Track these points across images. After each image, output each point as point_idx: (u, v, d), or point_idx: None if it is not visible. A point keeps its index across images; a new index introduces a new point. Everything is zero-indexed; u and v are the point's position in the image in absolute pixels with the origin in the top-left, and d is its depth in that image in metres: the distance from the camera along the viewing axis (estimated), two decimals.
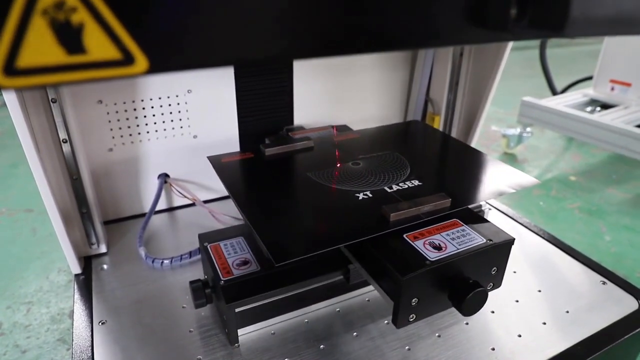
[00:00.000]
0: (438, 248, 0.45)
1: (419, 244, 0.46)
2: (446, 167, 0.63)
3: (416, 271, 0.42)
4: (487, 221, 0.50)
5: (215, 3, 0.17)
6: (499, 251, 0.47)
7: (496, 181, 0.56)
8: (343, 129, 0.77)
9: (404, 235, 0.47)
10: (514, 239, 0.47)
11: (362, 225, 0.47)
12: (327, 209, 0.51)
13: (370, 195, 0.52)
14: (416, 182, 0.55)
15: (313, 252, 0.42)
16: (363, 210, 0.50)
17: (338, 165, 0.61)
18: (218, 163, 0.62)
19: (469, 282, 0.44)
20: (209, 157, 0.63)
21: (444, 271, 0.44)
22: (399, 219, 0.48)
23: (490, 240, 0.46)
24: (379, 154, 0.64)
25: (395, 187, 0.54)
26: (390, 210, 0.47)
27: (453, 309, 0.44)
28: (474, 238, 0.47)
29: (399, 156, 0.63)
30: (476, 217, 0.50)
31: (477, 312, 0.44)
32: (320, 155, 0.65)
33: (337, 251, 0.51)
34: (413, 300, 0.43)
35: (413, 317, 0.44)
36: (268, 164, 0.62)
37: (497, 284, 0.49)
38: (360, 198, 0.52)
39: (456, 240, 0.46)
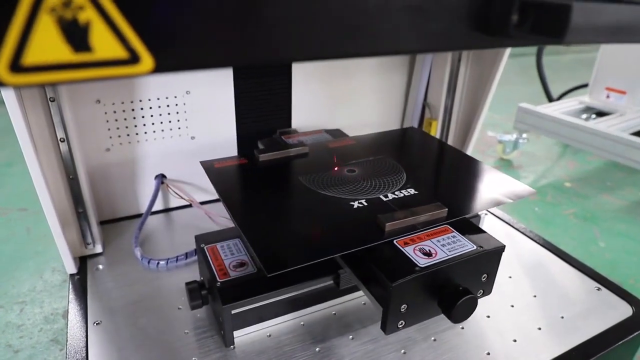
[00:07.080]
0: (428, 254, 0.45)
1: (409, 250, 0.45)
2: (442, 176, 0.63)
3: (405, 277, 0.41)
4: (478, 228, 0.50)
5: (221, 3, 0.18)
6: (489, 258, 0.46)
7: (493, 190, 0.56)
8: (337, 133, 0.77)
9: (394, 241, 0.46)
10: (505, 245, 0.47)
11: (357, 235, 0.46)
12: (321, 217, 0.50)
13: (365, 204, 0.51)
14: (412, 191, 0.54)
15: (306, 262, 0.42)
16: (358, 219, 0.49)
17: (333, 172, 0.60)
18: (211, 168, 0.61)
19: (459, 288, 0.43)
20: (201, 162, 0.62)
21: (433, 277, 0.43)
22: (395, 229, 0.47)
23: (481, 247, 0.46)
24: (374, 160, 0.63)
25: (390, 196, 0.53)
26: (385, 220, 0.47)
27: None
28: (464, 245, 0.46)
29: (395, 164, 0.62)
30: (467, 224, 0.50)
31: (472, 317, 0.44)
32: (315, 161, 0.64)
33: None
34: (402, 306, 0.42)
35: (402, 323, 0.43)
36: (262, 169, 0.61)
37: (487, 290, 0.48)
38: (355, 206, 0.51)
39: (446, 246, 0.46)
